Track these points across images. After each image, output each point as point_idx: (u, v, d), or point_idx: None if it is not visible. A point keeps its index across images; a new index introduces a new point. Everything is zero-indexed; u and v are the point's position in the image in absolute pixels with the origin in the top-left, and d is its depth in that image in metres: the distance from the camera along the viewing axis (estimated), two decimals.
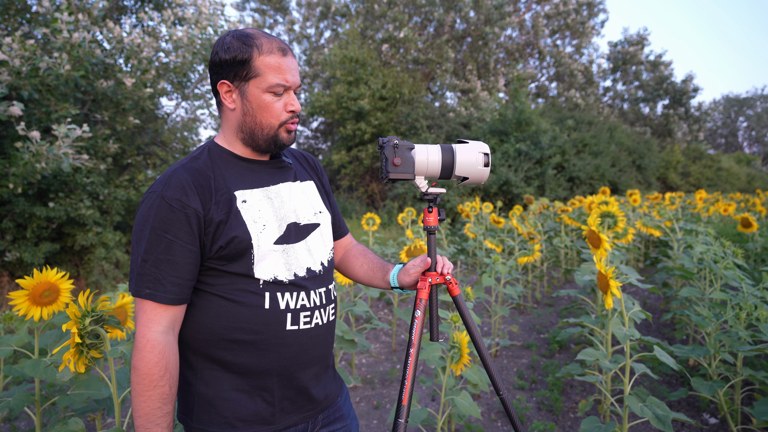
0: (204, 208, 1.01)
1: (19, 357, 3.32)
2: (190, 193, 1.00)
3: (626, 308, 2.15)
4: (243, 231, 1.03)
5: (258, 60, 1.04)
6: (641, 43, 22.87)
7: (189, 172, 1.04)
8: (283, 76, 1.05)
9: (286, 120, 1.09)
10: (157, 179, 1.05)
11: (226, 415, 1.05)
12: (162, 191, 1.00)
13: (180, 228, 0.99)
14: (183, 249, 0.99)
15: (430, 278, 1.20)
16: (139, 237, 1.00)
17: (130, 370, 0.99)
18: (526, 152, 12.88)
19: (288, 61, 1.06)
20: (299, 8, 19.27)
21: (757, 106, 42.93)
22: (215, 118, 8.89)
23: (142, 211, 1.01)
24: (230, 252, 1.02)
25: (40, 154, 4.70)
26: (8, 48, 4.74)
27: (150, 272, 0.98)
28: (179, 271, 0.99)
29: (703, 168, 22.58)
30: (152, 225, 0.98)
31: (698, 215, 7.99)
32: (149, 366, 0.96)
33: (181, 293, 1.00)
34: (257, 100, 1.06)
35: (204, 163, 1.08)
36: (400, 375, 3.52)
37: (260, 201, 1.09)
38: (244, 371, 1.06)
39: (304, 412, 1.13)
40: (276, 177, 1.15)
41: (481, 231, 5.68)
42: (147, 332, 0.97)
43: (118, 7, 7.61)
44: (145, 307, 0.98)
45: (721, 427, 2.66)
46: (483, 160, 1.17)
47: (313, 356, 1.12)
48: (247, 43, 1.05)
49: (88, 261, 6.47)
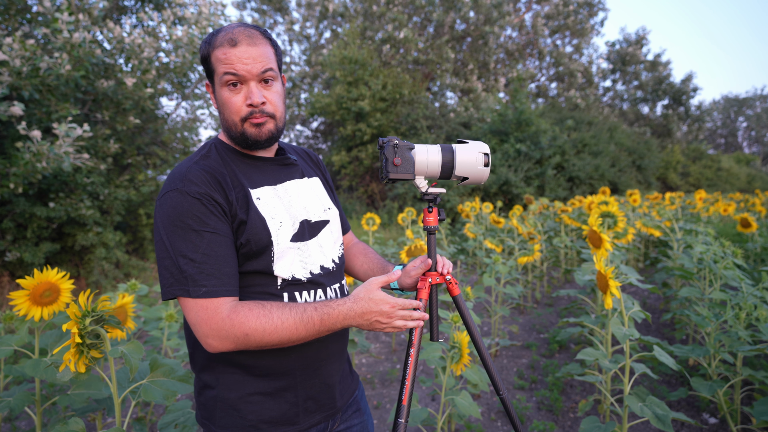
0: (227, 202, 0.98)
1: (19, 357, 3.33)
2: (212, 187, 0.97)
3: (626, 308, 2.15)
4: (263, 227, 1.02)
5: (212, 56, 1.01)
6: (640, 42, 22.87)
7: (204, 169, 1.00)
8: (231, 65, 0.98)
9: (247, 115, 1.02)
10: (169, 179, 0.98)
11: (250, 418, 1.03)
12: (183, 188, 0.95)
13: (217, 220, 0.95)
14: (226, 240, 0.96)
15: (430, 278, 1.20)
16: (172, 237, 0.93)
17: (245, 338, 0.93)
18: (526, 152, 12.89)
19: (237, 51, 0.98)
20: (299, 8, 19.28)
21: (757, 106, 42.94)
22: (215, 118, 8.88)
23: (167, 212, 0.94)
24: (251, 249, 1.00)
25: (41, 153, 4.70)
26: (9, 48, 4.74)
27: (202, 269, 0.92)
28: (229, 263, 0.96)
29: (702, 168, 22.58)
30: (185, 222, 0.93)
31: (698, 215, 7.99)
32: (258, 332, 0.93)
33: (237, 287, 0.98)
34: (220, 96, 1.03)
35: (215, 161, 1.04)
36: (400, 375, 3.52)
37: (272, 199, 1.07)
38: (267, 373, 1.05)
39: (327, 410, 1.13)
40: (282, 175, 1.14)
41: (481, 231, 5.68)
42: (217, 321, 0.92)
43: (118, 7, 7.61)
44: (211, 305, 0.93)
45: (720, 426, 2.66)
46: (483, 160, 1.17)
47: (332, 352, 1.13)
48: (206, 40, 1.02)
49: (89, 261, 6.47)
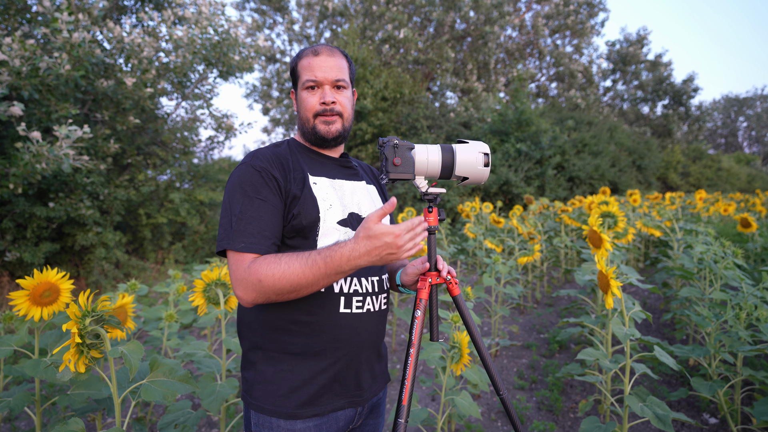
0: (284, 179, 1.15)
1: (19, 357, 3.33)
2: (274, 165, 1.16)
3: (626, 308, 2.15)
4: (313, 204, 1.16)
5: (298, 66, 1.24)
6: (641, 42, 22.86)
7: (271, 151, 1.20)
8: (312, 72, 1.20)
9: (320, 111, 1.21)
10: (244, 157, 1.20)
11: (280, 394, 1.13)
12: (250, 162, 1.14)
13: (270, 191, 1.12)
14: (274, 208, 1.12)
15: (430, 278, 1.20)
16: (231, 200, 1.11)
17: (258, 285, 1.04)
18: (526, 152, 12.88)
19: (318, 60, 1.21)
20: (299, 8, 19.27)
21: (757, 106, 42.93)
22: (216, 118, 8.88)
23: (233, 180, 1.14)
24: (301, 222, 1.13)
25: (41, 154, 4.70)
26: (8, 48, 4.74)
27: (244, 228, 1.08)
28: (270, 228, 1.10)
29: (703, 168, 22.56)
30: (244, 188, 1.11)
31: (698, 215, 7.99)
32: (269, 278, 1.02)
33: (272, 248, 1.11)
34: (300, 98, 1.25)
35: (284, 149, 1.24)
36: (400, 375, 3.52)
37: (327, 187, 1.22)
38: (300, 351, 1.14)
39: (351, 397, 1.19)
40: (341, 173, 1.28)
41: (481, 231, 5.68)
42: (241, 271, 1.05)
43: (118, 7, 7.61)
44: (241, 258, 1.07)
45: (721, 427, 2.66)
46: (483, 160, 1.16)
47: (364, 341, 1.19)
48: (297, 54, 1.26)
49: (88, 261, 6.47)
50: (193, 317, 3.33)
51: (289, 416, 1.12)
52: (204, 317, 2.54)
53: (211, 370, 2.01)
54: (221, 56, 7.47)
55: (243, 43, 7.87)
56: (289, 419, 1.12)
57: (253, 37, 13.87)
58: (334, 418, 1.16)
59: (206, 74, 8.19)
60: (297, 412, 1.12)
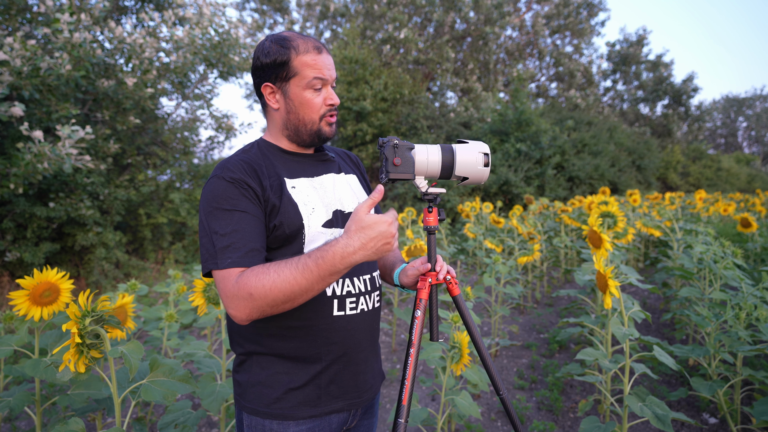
0: (260, 187, 1.09)
1: (19, 357, 3.33)
2: (248, 174, 1.08)
3: (626, 308, 2.15)
4: (295, 212, 1.10)
5: (296, 60, 1.13)
6: (641, 42, 22.86)
7: (240, 159, 1.12)
8: (320, 71, 1.13)
9: (326, 113, 1.16)
10: (213, 170, 1.12)
11: (275, 396, 1.11)
12: (222, 174, 1.07)
13: (248, 201, 1.06)
14: (256, 218, 1.06)
15: (430, 278, 1.20)
16: (209, 218, 1.04)
17: (249, 299, 0.97)
18: (526, 152, 12.88)
19: (323, 58, 1.14)
20: (299, 8, 19.27)
21: (757, 106, 42.91)
22: (216, 118, 8.88)
23: (206, 196, 1.07)
24: (284, 232, 1.08)
25: (42, 154, 4.70)
26: (9, 48, 4.74)
27: (228, 244, 1.01)
28: (255, 239, 1.04)
29: (702, 168, 22.56)
30: (220, 203, 1.04)
31: (698, 215, 7.99)
32: (259, 290, 0.96)
33: (260, 260, 1.04)
34: (298, 97, 1.14)
35: (255, 155, 1.16)
36: (400, 375, 3.52)
37: (307, 188, 1.16)
38: (294, 356, 1.11)
39: (349, 399, 1.17)
40: (320, 168, 1.23)
41: (481, 231, 5.69)
42: (229, 287, 0.99)
43: (119, 8, 7.61)
44: (227, 274, 1.00)
45: (720, 426, 2.66)
46: (483, 160, 1.17)
47: (359, 341, 1.17)
48: (285, 46, 1.13)
49: (89, 261, 6.47)
50: (193, 317, 3.33)
51: (283, 418, 1.10)
52: (204, 317, 2.54)
53: (211, 370, 2.02)
54: (221, 57, 7.48)
55: (243, 44, 7.88)
56: (283, 421, 1.10)
57: (253, 37, 13.89)
58: (327, 421, 1.14)
59: (206, 75, 8.20)
60: (292, 414, 1.10)
